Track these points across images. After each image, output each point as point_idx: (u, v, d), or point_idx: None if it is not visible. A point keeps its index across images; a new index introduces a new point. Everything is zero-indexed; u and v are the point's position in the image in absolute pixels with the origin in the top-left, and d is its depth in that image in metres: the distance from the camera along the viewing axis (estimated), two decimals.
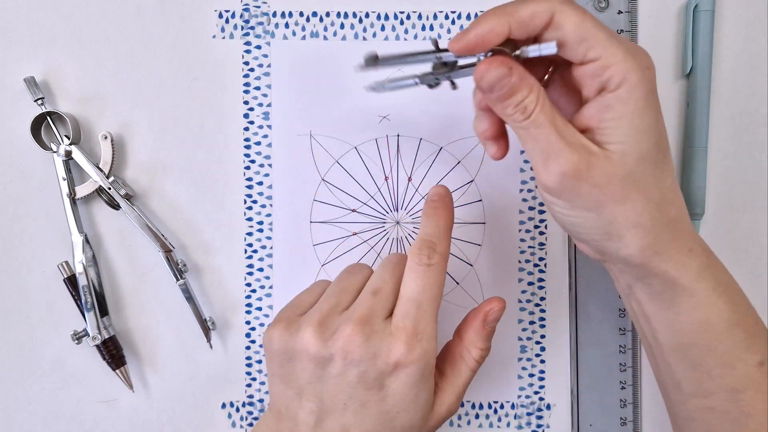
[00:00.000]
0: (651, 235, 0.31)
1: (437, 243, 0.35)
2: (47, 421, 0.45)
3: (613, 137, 0.30)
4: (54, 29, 0.44)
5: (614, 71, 0.30)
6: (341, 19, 0.44)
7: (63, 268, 0.43)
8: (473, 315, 0.37)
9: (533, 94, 0.30)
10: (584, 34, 0.30)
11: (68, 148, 0.42)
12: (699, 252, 0.33)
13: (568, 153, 0.30)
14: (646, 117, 0.30)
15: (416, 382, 0.33)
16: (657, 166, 0.31)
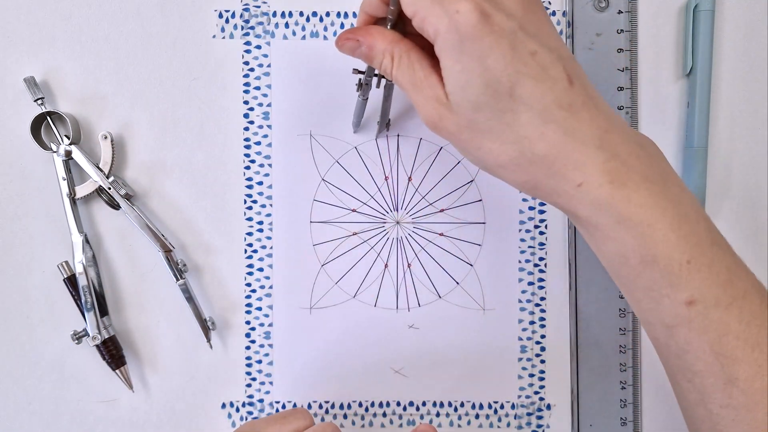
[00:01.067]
0: (519, 172, 0.31)
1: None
2: (47, 421, 0.45)
3: (447, 88, 0.31)
4: (54, 29, 0.44)
5: (427, 24, 0.30)
6: (341, 19, 0.44)
7: (63, 268, 0.43)
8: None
9: (386, 58, 0.32)
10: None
11: (68, 148, 0.42)
12: (594, 185, 0.30)
13: (422, 106, 0.31)
14: (464, 64, 0.29)
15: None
16: (500, 110, 0.30)
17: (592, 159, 0.30)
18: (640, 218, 0.30)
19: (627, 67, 0.43)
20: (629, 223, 0.30)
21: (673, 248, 0.30)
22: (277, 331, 0.45)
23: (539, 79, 0.30)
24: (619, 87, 0.43)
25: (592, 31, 0.43)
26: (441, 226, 0.45)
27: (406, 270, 0.45)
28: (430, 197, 0.44)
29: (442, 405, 0.45)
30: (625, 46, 0.43)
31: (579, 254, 0.44)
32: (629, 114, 0.43)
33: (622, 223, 0.30)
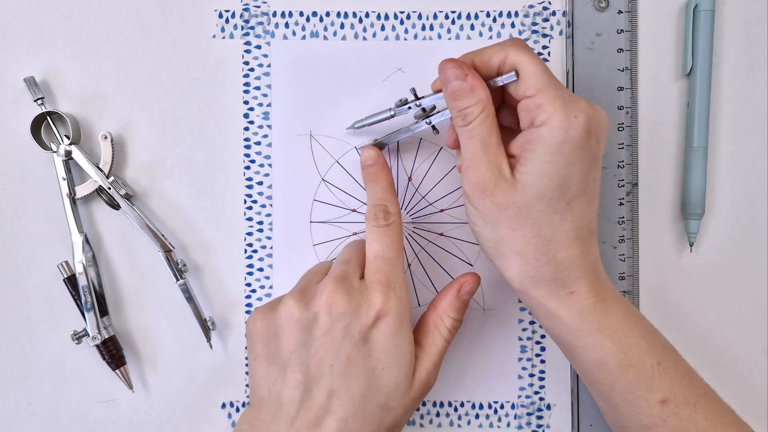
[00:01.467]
0: (531, 266, 0.35)
1: (388, 204, 0.39)
2: (47, 421, 0.45)
3: (522, 169, 0.34)
4: (54, 29, 0.44)
5: (541, 111, 0.33)
6: (341, 19, 0.44)
7: (63, 268, 0.43)
8: (448, 287, 0.40)
9: (477, 107, 0.34)
10: (527, 73, 0.34)
11: (68, 148, 0.42)
12: (583, 296, 0.35)
13: (484, 168, 0.34)
14: (554, 161, 0.33)
15: (396, 330, 0.36)
16: (555, 209, 0.34)
17: (587, 277, 0.35)
18: (617, 326, 0.35)
19: (627, 67, 0.43)
20: (608, 331, 0.35)
21: (645, 353, 0.35)
22: None
23: (589, 202, 0.35)
24: (619, 87, 0.43)
25: (592, 31, 0.43)
26: (441, 226, 0.45)
27: (406, 270, 0.45)
28: (430, 197, 0.44)
29: (442, 405, 0.45)
30: (625, 46, 0.43)
31: None
32: (629, 114, 0.43)
33: (602, 330, 0.35)
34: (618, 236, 0.44)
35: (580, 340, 0.35)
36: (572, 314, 0.35)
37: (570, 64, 0.44)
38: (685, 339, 0.45)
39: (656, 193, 0.44)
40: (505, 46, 0.35)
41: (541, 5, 0.44)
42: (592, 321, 0.35)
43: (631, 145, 0.44)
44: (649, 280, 0.44)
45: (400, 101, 0.40)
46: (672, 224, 0.45)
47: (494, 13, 0.44)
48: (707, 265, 0.45)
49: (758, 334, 0.45)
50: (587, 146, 0.33)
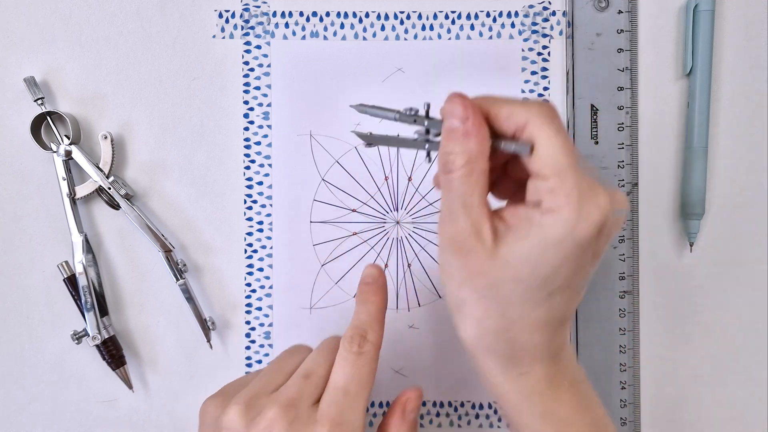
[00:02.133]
0: (486, 338, 0.32)
1: (369, 331, 0.35)
2: (47, 421, 0.45)
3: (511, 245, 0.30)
4: (54, 29, 0.44)
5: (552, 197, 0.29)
6: (341, 19, 0.44)
7: (63, 268, 0.43)
8: (391, 410, 0.36)
9: (461, 157, 0.30)
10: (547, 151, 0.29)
11: (68, 148, 0.42)
12: (534, 379, 0.32)
13: (461, 226, 0.30)
14: (547, 254, 0.29)
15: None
16: (530, 298, 0.30)
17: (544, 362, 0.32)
18: (563, 415, 0.33)
19: (627, 67, 0.43)
20: (552, 418, 0.33)
21: None
22: (277, 331, 0.45)
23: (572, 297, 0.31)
24: (619, 87, 0.43)
25: (592, 31, 0.43)
26: None
27: (406, 270, 0.45)
28: (430, 197, 0.44)
29: (442, 405, 0.45)
30: (625, 46, 0.43)
31: None
32: (629, 114, 0.43)
33: (545, 416, 0.33)
34: (618, 236, 0.44)
35: (522, 419, 0.33)
36: (518, 394, 0.33)
37: (570, 64, 0.44)
38: (685, 339, 0.45)
39: (656, 193, 0.44)
40: (530, 110, 0.30)
41: (541, 5, 0.44)
42: (537, 405, 0.32)
43: (631, 145, 0.44)
44: (649, 280, 0.44)
45: (410, 110, 0.34)
46: (672, 224, 0.45)
47: (494, 13, 0.44)
48: (707, 265, 0.45)
49: (758, 334, 0.45)
50: (592, 245, 0.29)
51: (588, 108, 0.44)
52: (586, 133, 0.44)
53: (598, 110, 0.43)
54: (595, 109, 0.43)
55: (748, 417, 0.45)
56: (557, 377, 0.33)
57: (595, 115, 0.44)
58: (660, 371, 0.45)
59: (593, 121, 0.43)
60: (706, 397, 0.45)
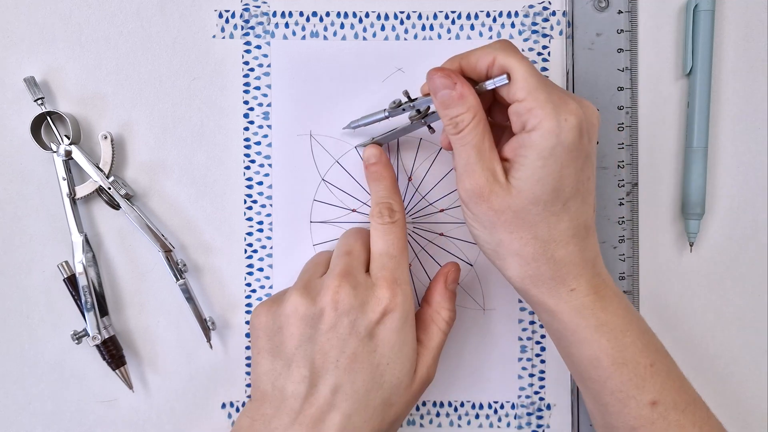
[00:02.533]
0: (530, 266, 0.35)
1: (392, 202, 0.39)
2: (47, 421, 0.45)
3: (516, 173, 0.34)
4: (54, 29, 0.44)
5: (532, 116, 0.33)
6: (341, 19, 0.44)
7: (63, 268, 0.43)
8: (435, 281, 0.41)
9: (468, 114, 0.34)
10: (517, 76, 0.33)
11: (68, 148, 0.42)
12: (583, 293, 0.35)
13: (479, 175, 0.34)
14: (547, 165, 0.33)
15: (401, 326, 0.36)
16: (551, 212, 0.34)
17: (586, 273, 0.35)
18: (614, 324, 0.35)
19: (627, 67, 0.43)
20: (605, 328, 0.35)
21: (640, 353, 0.35)
22: None
23: (584, 201, 0.35)
24: (619, 87, 0.43)
25: (592, 31, 0.43)
26: (441, 226, 0.45)
27: None
28: (430, 197, 0.44)
29: (442, 405, 0.45)
30: (625, 46, 0.43)
31: None
32: (629, 114, 0.43)
33: (600, 327, 0.35)
34: (618, 236, 0.44)
35: (577, 336, 0.35)
36: (571, 311, 0.35)
37: (570, 64, 0.44)
38: (685, 339, 0.45)
39: (656, 193, 0.44)
40: (493, 48, 0.34)
41: (541, 5, 0.44)
42: (590, 318, 0.35)
43: (631, 145, 0.44)
44: (649, 280, 0.44)
45: (394, 103, 0.40)
46: (672, 224, 0.45)
47: (494, 13, 0.44)
48: (707, 265, 0.45)
49: (758, 334, 0.45)
50: (580, 147, 0.33)
51: None
52: None
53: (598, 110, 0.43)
54: None
55: (748, 417, 0.45)
56: (602, 289, 0.35)
57: None
58: None
59: None
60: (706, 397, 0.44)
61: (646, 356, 0.35)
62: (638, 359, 0.35)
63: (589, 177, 0.35)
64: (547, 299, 0.35)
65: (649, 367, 0.35)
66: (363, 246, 0.39)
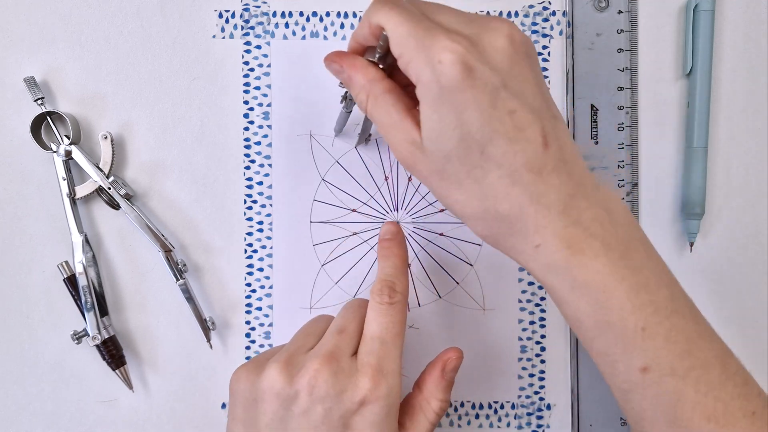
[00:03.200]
0: (481, 224, 0.31)
1: (396, 282, 0.36)
2: (47, 421, 0.45)
3: (423, 133, 0.30)
4: (54, 29, 0.44)
5: (411, 69, 0.29)
6: (341, 19, 0.44)
7: (63, 268, 0.43)
8: (431, 366, 0.38)
9: (361, 93, 0.32)
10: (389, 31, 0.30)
11: (68, 148, 0.42)
12: (551, 249, 0.30)
13: (397, 145, 0.32)
14: (441, 115, 0.29)
15: (381, 420, 0.33)
16: (471, 165, 0.30)
17: (552, 224, 0.30)
18: (596, 285, 0.30)
19: (627, 67, 0.43)
20: (584, 290, 0.30)
21: (628, 315, 0.30)
22: (277, 331, 0.45)
23: (513, 140, 0.29)
24: (619, 87, 0.43)
25: (592, 31, 0.43)
26: (441, 226, 0.45)
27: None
28: (430, 197, 0.44)
29: None
30: (625, 46, 0.43)
31: None
32: (629, 114, 0.43)
33: (576, 288, 0.30)
34: None
35: (555, 295, 0.31)
36: (542, 270, 0.31)
37: (570, 64, 0.44)
38: None
39: (656, 193, 0.44)
40: (367, 12, 0.31)
41: (541, 5, 0.44)
42: (564, 277, 0.30)
43: (631, 145, 0.44)
44: None
45: (342, 97, 0.39)
46: (672, 224, 0.45)
47: (494, 13, 0.44)
48: (707, 265, 0.45)
49: (758, 334, 0.45)
50: (473, 84, 0.28)
51: (588, 108, 0.44)
52: (586, 133, 0.44)
53: (598, 110, 0.43)
54: (595, 109, 0.44)
55: None
56: (579, 240, 0.30)
57: (595, 115, 0.44)
58: None
59: (593, 121, 0.43)
60: None
61: (637, 319, 0.30)
62: (626, 322, 0.30)
63: (512, 110, 0.29)
64: (516, 257, 0.32)
65: (640, 331, 0.30)
66: (358, 324, 0.36)
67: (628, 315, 0.30)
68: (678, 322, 0.31)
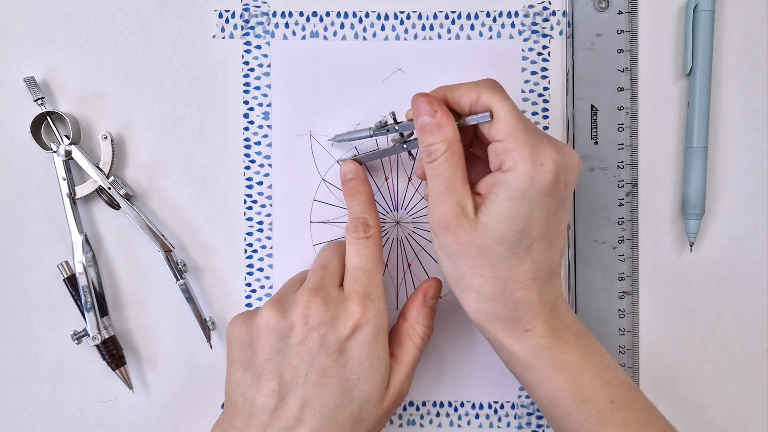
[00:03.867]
0: (487, 303, 0.35)
1: (368, 217, 0.39)
2: (47, 421, 0.45)
3: (486, 211, 0.34)
4: (54, 29, 0.44)
5: (509, 157, 0.33)
6: (341, 19, 0.44)
7: (63, 268, 0.43)
8: (414, 295, 0.40)
9: (442, 144, 0.34)
10: (499, 116, 0.33)
11: (68, 148, 0.42)
12: (538, 334, 0.35)
13: (447, 206, 0.34)
14: (517, 207, 0.33)
15: (373, 342, 0.36)
16: (514, 253, 0.34)
17: (544, 315, 0.35)
18: (573, 363, 0.35)
19: (627, 67, 0.43)
20: (563, 367, 0.35)
21: (600, 390, 0.35)
22: None
23: (552, 245, 0.35)
24: (619, 87, 0.43)
25: (592, 31, 0.43)
26: None
27: (406, 270, 0.45)
28: None
29: (442, 405, 0.45)
30: (625, 47, 0.43)
31: (578, 254, 0.44)
32: (629, 114, 0.43)
33: (557, 366, 0.35)
34: (618, 236, 0.44)
35: (534, 375, 0.35)
36: (526, 351, 0.35)
37: (570, 64, 0.44)
38: (684, 339, 0.45)
39: (656, 193, 0.44)
40: (478, 86, 0.35)
41: (541, 5, 0.44)
42: (546, 357, 0.35)
43: (631, 145, 0.44)
44: (649, 280, 0.44)
45: (380, 123, 0.40)
46: (672, 224, 0.45)
47: (494, 13, 0.44)
48: (707, 265, 0.45)
49: (758, 335, 0.45)
50: (554, 193, 0.33)
51: (588, 108, 0.44)
52: (586, 134, 0.44)
53: (598, 110, 0.43)
54: (595, 110, 0.44)
55: (748, 417, 0.45)
56: (560, 329, 0.36)
57: (595, 116, 0.44)
58: (660, 372, 0.45)
59: (593, 122, 0.43)
60: (706, 397, 0.45)
61: (607, 393, 0.35)
62: (598, 396, 0.35)
63: (560, 222, 0.35)
64: (502, 337, 0.36)
65: (610, 404, 0.35)
66: (339, 260, 0.39)
67: (600, 390, 0.35)
68: (636, 395, 0.36)
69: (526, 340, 0.35)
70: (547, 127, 0.44)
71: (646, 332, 0.44)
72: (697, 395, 0.45)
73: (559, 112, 0.44)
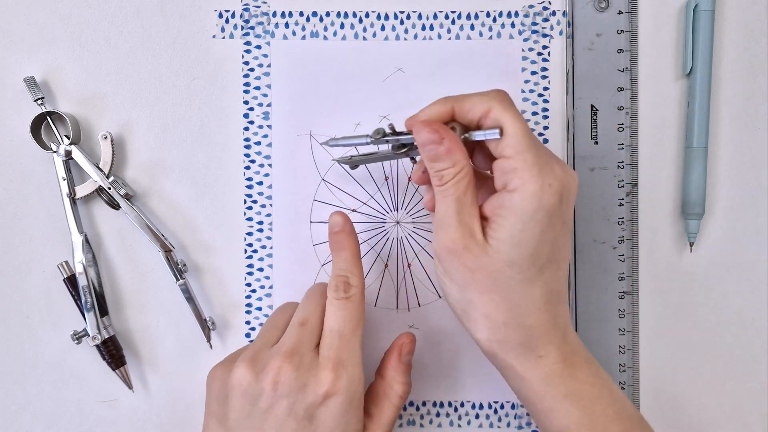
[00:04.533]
0: (500, 330, 0.34)
1: (350, 276, 0.37)
2: (47, 421, 0.45)
3: (495, 234, 0.33)
4: (54, 29, 0.44)
5: (516, 176, 0.32)
6: (341, 19, 0.44)
7: (63, 268, 0.43)
8: (388, 353, 0.40)
9: (453, 169, 0.33)
10: (509, 133, 0.32)
11: (68, 148, 0.42)
12: (552, 360, 0.34)
13: (455, 230, 0.33)
14: (527, 229, 0.32)
15: (345, 411, 0.35)
16: (525, 276, 0.33)
17: (556, 341, 0.35)
18: (585, 392, 0.35)
19: (627, 67, 0.43)
20: (575, 397, 0.34)
21: (611, 422, 0.34)
22: None
23: (559, 267, 0.34)
24: (619, 87, 0.43)
25: (592, 31, 0.43)
26: None
27: (406, 270, 0.45)
28: None
29: (442, 405, 0.45)
30: (625, 47, 0.43)
31: (578, 254, 0.44)
32: (629, 114, 0.43)
33: (568, 396, 0.34)
34: (618, 236, 0.44)
35: (546, 404, 0.35)
36: (540, 378, 0.35)
37: (570, 64, 0.44)
38: (684, 339, 0.45)
39: (656, 193, 0.44)
40: (489, 98, 0.33)
41: (541, 5, 0.44)
42: (559, 386, 0.34)
43: (631, 145, 0.44)
44: (649, 280, 0.44)
45: (377, 132, 0.37)
46: (672, 224, 0.45)
47: (494, 13, 0.44)
48: (707, 265, 0.45)
49: (758, 334, 0.45)
50: (559, 213, 0.33)
51: (588, 108, 0.44)
52: (586, 134, 0.44)
53: (598, 110, 0.43)
54: (595, 110, 0.44)
55: (748, 417, 0.45)
56: (571, 356, 0.35)
57: (595, 116, 0.44)
58: (660, 372, 0.45)
59: (593, 122, 0.43)
60: (706, 397, 0.45)
61: (618, 425, 0.34)
62: (610, 428, 0.34)
63: (565, 243, 0.34)
64: (515, 365, 0.35)
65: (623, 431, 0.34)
66: (319, 316, 0.37)
67: (611, 422, 0.34)
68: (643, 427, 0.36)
69: (539, 367, 0.34)
70: (547, 127, 0.44)
71: (646, 332, 0.44)
72: (697, 395, 0.45)
73: (559, 112, 0.44)
